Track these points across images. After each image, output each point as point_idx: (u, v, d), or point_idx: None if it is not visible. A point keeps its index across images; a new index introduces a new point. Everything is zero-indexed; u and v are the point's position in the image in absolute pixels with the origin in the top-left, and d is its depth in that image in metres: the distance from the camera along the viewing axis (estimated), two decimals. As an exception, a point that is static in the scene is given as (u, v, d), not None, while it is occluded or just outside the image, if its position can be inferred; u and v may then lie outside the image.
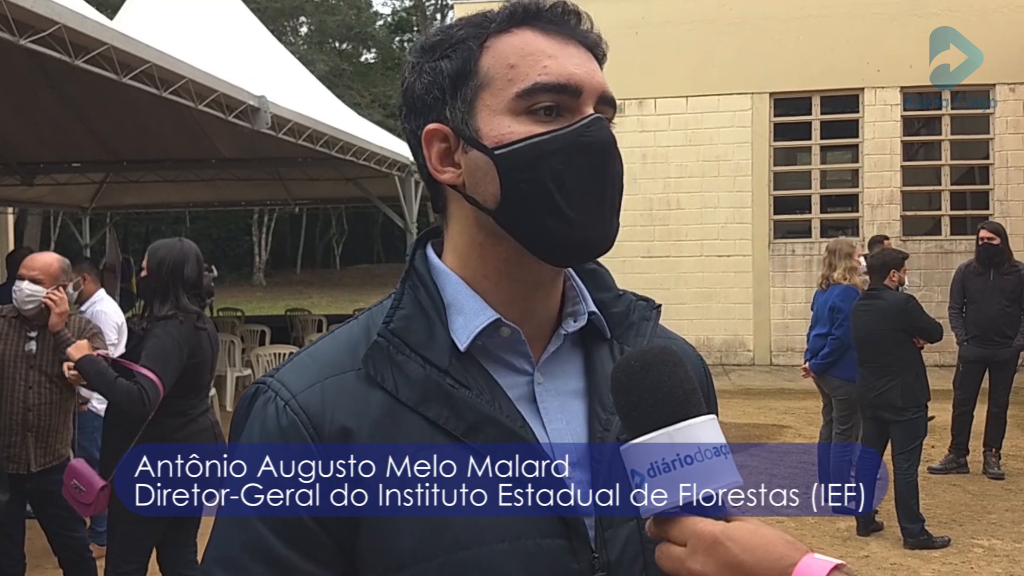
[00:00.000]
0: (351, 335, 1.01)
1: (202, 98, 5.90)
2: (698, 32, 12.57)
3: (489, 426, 0.93)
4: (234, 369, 10.29)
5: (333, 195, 14.70)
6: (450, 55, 0.98)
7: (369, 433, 0.93)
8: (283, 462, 0.92)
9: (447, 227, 1.04)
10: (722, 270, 12.55)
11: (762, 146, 12.55)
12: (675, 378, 0.85)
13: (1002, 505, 6.15)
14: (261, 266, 40.22)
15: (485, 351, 0.98)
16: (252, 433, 0.96)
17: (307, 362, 0.99)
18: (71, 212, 14.95)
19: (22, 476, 3.96)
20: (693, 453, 0.80)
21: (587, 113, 0.96)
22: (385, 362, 0.95)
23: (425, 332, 0.97)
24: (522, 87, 0.94)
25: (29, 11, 4.03)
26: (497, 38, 0.97)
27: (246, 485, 0.93)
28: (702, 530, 0.80)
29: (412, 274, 1.02)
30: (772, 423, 8.98)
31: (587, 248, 0.97)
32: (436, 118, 0.99)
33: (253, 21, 11.35)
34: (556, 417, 0.98)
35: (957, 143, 12.46)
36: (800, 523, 5.82)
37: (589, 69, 0.97)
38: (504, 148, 0.94)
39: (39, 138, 10.06)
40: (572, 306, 1.04)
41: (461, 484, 0.91)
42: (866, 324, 5.46)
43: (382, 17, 46.49)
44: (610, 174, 0.96)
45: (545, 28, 0.97)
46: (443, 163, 0.99)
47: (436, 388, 0.94)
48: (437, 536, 0.90)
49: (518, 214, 0.95)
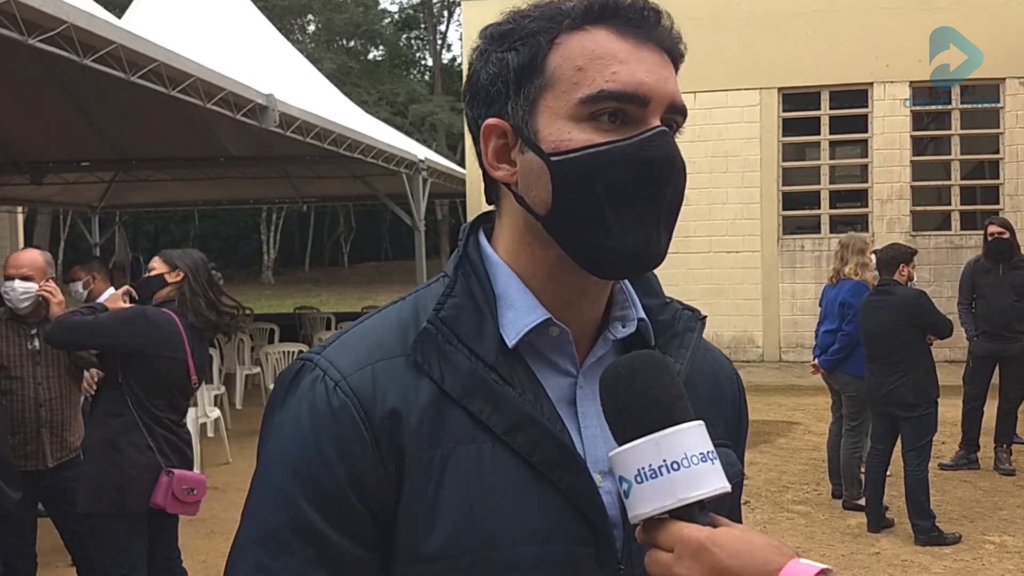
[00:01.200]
0: (400, 318, 0.98)
1: (210, 96, 5.92)
2: (706, 27, 12.52)
3: (529, 426, 0.91)
4: (243, 367, 10.32)
5: (341, 193, 14.74)
6: (518, 48, 0.94)
7: (417, 421, 0.91)
8: (334, 443, 0.91)
9: (499, 219, 1.02)
10: (731, 266, 12.52)
11: (771, 141, 12.51)
12: (662, 384, 0.84)
13: (1013, 501, 6.12)
14: (270, 264, 40.31)
15: (531, 349, 0.97)
16: (300, 412, 0.93)
17: (356, 343, 0.97)
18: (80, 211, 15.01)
19: (39, 472, 4.01)
20: (680, 459, 0.80)
21: (653, 124, 0.91)
22: (433, 351, 0.93)
23: (475, 324, 0.95)
24: (587, 93, 0.90)
25: (38, 10, 4.04)
26: (569, 35, 0.92)
27: (293, 464, 0.92)
28: (688, 536, 0.79)
29: (465, 261, 1.00)
30: (782, 420, 8.97)
31: (633, 265, 0.94)
32: (497, 112, 0.96)
33: (261, 19, 11.37)
34: (592, 423, 0.96)
35: (967, 138, 12.40)
36: (810, 520, 5.81)
37: (661, 76, 0.92)
38: (561, 155, 0.91)
39: (48, 137, 10.10)
40: (620, 310, 1.01)
41: (497, 483, 0.91)
42: (877, 320, 5.44)
43: (389, 14, 46.53)
44: (666, 191, 0.92)
45: (620, 28, 0.92)
46: (499, 159, 0.97)
47: (481, 383, 0.92)
48: (468, 533, 0.89)
49: (566, 224, 0.92)
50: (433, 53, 45.87)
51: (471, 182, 13.08)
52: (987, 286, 6.80)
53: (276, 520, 0.91)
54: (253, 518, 0.94)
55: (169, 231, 38.35)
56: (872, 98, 12.31)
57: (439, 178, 11.88)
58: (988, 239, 6.88)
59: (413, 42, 49.11)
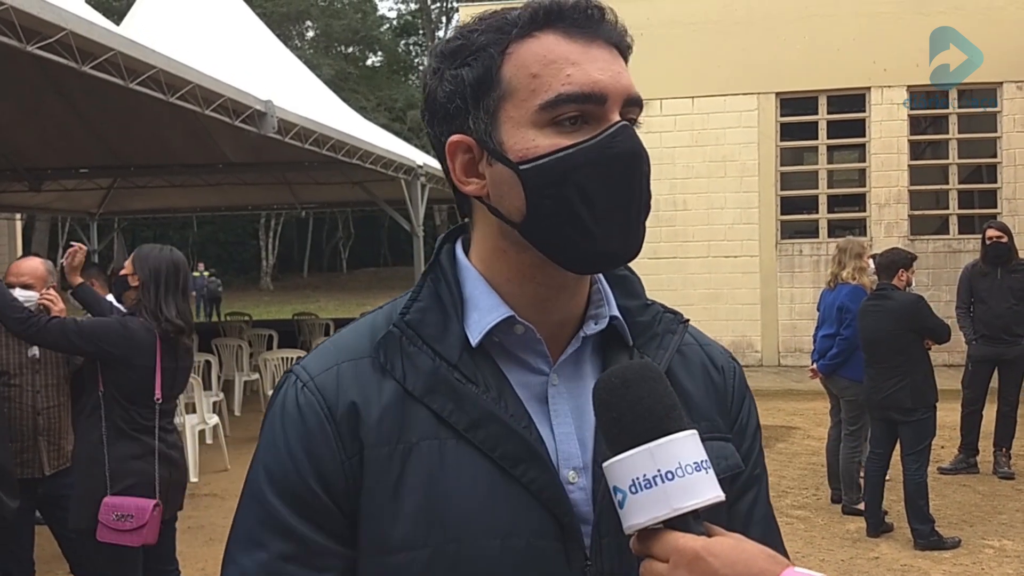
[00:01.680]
0: (373, 324, 1.03)
1: (209, 103, 5.92)
2: (703, 32, 12.56)
3: (490, 423, 0.93)
4: (242, 373, 10.31)
5: (340, 199, 14.75)
6: (471, 63, 0.95)
7: (379, 416, 0.94)
8: (299, 439, 0.95)
9: (472, 231, 1.04)
10: (729, 271, 12.53)
11: (769, 146, 12.53)
12: (655, 394, 0.85)
13: (1013, 505, 6.12)
14: (268, 270, 40.33)
15: (502, 348, 0.99)
16: (275, 415, 0.99)
17: (329, 348, 1.02)
18: (79, 218, 15.00)
19: (35, 480, 4.00)
20: (674, 469, 0.80)
21: (613, 120, 0.93)
22: (396, 351, 0.96)
23: (439, 325, 0.98)
24: (545, 99, 0.92)
25: (36, 17, 4.05)
26: (519, 44, 0.94)
27: (266, 463, 0.97)
28: (684, 546, 0.79)
29: (436, 267, 1.03)
30: (781, 424, 8.96)
31: (612, 258, 0.97)
32: (459, 128, 0.97)
33: (259, 26, 11.39)
34: (565, 420, 0.98)
35: (964, 142, 12.43)
36: (809, 524, 5.80)
37: (614, 72, 0.94)
38: (529, 163, 0.93)
39: (46, 144, 10.11)
40: (595, 309, 1.03)
41: (459, 478, 0.92)
42: (875, 324, 5.44)
43: (388, 21, 46.62)
44: (637, 183, 0.94)
45: (568, 30, 0.94)
46: (467, 174, 0.98)
47: (443, 381, 0.94)
48: (430, 526, 0.91)
49: (543, 228, 0.94)
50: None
51: (469, 188, 13.06)
52: (986, 290, 6.81)
53: (251, 517, 0.96)
54: (235, 520, 0.99)
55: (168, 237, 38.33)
56: (870, 102, 12.34)
57: (437, 184, 11.87)
58: (986, 243, 6.89)
59: (411, 48, 49.25)
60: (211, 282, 26.72)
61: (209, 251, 39.04)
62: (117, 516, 3.48)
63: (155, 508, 3.51)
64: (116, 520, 3.48)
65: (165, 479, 3.66)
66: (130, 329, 3.58)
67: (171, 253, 3.77)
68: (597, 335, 1.02)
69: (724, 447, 1.03)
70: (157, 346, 3.60)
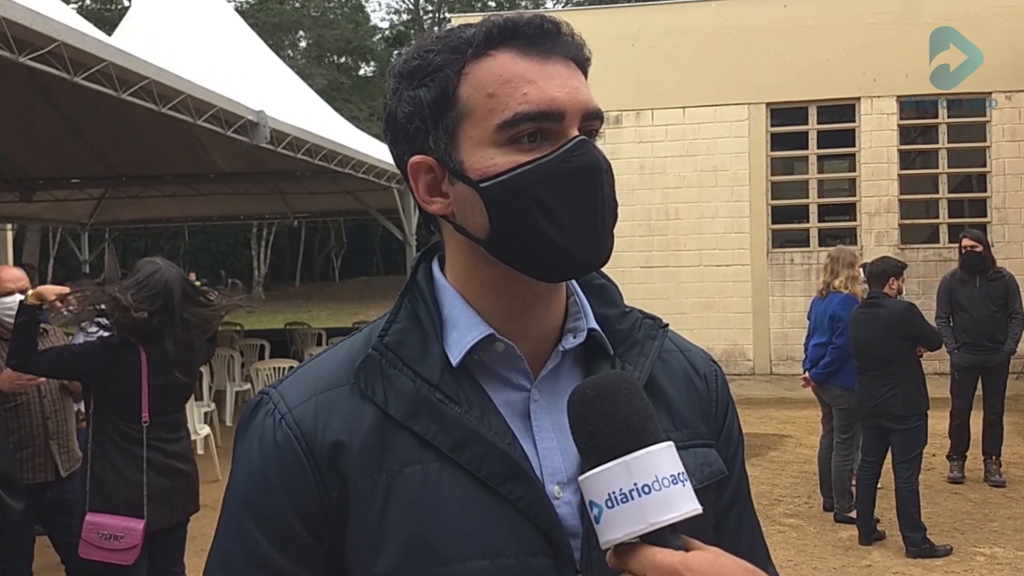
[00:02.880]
0: (351, 349, 1.01)
1: (201, 113, 5.93)
2: (694, 43, 12.61)
3: (475, 443, 0.92)
4: (233, 384, 10.28)
5: (332, 208, 14.73)
6: (428, 84, 0.95)
7: (360, 447, 0.93)
8: (278, 475, 0.94)
9: (444, 248, 1.04)
10: (721, 280, 12.56)
11: (759, 156, 12.58)
12: (631, 406, 0.83)
13: (1004, 513, 6.14)
14: (260, 279, 40.22)
15: (482, 366, 0.98)
16: (252, 444, 0.97)
17: (307, 375, 1.00)
18: (70, 228, 14.97)
19: (47, 484, 4.05)
20: (651, 482, 0.79)
21: (571, 136, 0.93)
22: (376, 376, 0.95)
23: (419, 346, 0.97)
24: (503, 118, 0.92)
25: (28, 28, 4.05)
26: (475, 63, 0.94)
27: (244, 495, 0.96)
28: (661, 561, 0.78)
29: (413, 288, 1.03)
30: (773, 433, 8.98)
31: (580, 265, 0.97)
32: (420, 148, 0.97)
33: (251, 36, 11.40)
34: (548, 435, 0.97)
35: (954, 151, 12.50)
36: (802, 533, 5.81)
37: (571, 88, 0.94)
38: (489, 181, 0.93)
39: (38, 154, 10.09)
40: (573, 322, 1.02)
41: (445, 500, 0.92)
42: (867, 332, 5.46)
43: (380, 31, 46.68)
44: (599, 194, 0.94)
45: (524, 47, 0.94)
46: (431, 193, 0.99)
47: (425, 403, 0.94)
48: (419, 551, 0.90)
49: (508, 243, 0.94)
50: (423, 69, 45.95)
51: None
52: (967, 299, 6.87)
53: (233, 550, 0.96)
54: (216, 542, 0.99)
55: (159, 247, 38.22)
56: (859, 112, 12.40)
57: (430, 193, 11.85)
58: (962, 252, 6.98)
59: (403, 58, 49.22)
60: (203, 292, 26.59)
61: (201, 261, 38.92)
62: (102, 535, 3.47)
63: (144, 527, 3.51)
64: (102, 539, 3.46)
65: (167, 488, 3.65)
66: (112, 348, 3.56)
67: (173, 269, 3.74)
68: (577, 347, 1.01)
69: (707, 453, 1.03)
70: (142, 363, 3.57)
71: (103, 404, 3.59)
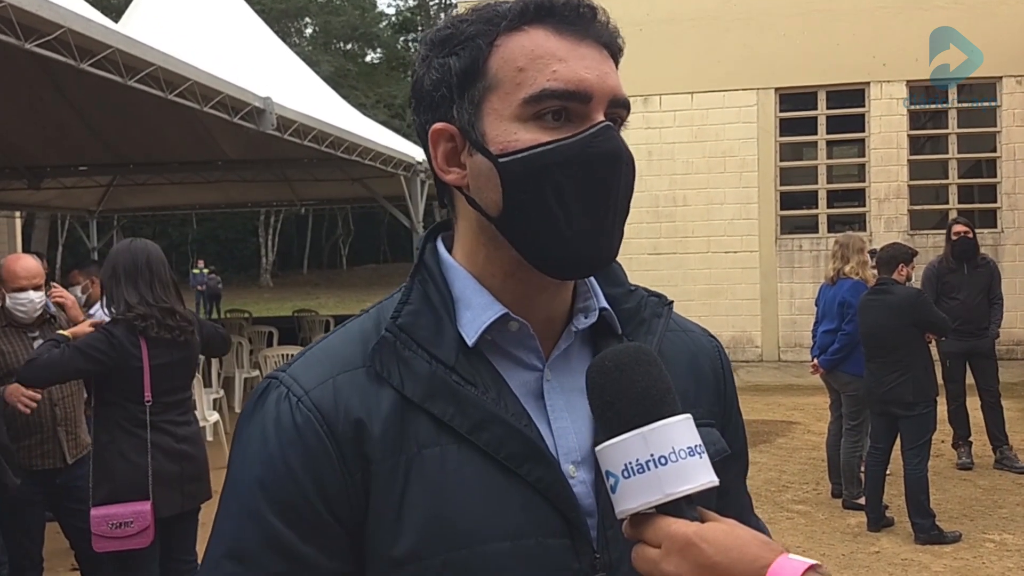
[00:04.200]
0: (362, 329, 1.00)
1: (207, 100, 5.91)
2: (703, 28, 12.54)
3: (494, 424, 0.92)
4: (242, 370, 10.31)
5: (339, 195, 14.74)
6: (459, 52, 0.95)
7: (380, 429, 0.92)
8: (300, 459, 0.92)
9: (455, 223, 1.03)
10: (729, 266, 12.53)
11: (768, 142, 12.52)
12: (649, 378, 0.84)
13: (1013, 500, 6.13)
14: (268, 267, 40.33)
15: (494, 346, 0.97)
16: (266, 430, 0.94)
17: (319, 357, 0.98)
18: (78, 215, 15.01)
19: (56, 471, 4.07)
20: (667, 453, 0.79)
21: (596, 120, 0.93)
22: (392, 358, 0.94)
23: (432, 327, 0.96)
24: (530, 92, 0.91)
25: (34, 15, 4.04)
26: (507, 37, 0.94)
27: (260, 480, 0.93)
28: (676, 531, 0.79)
29: (422, 268, 1.02)
30: (781, 419, 8.97)
31: (585, 264, 0.96)
32: (444, 116, 0.97)
33: (258, 22, 11.37)
34: (562, 415, 0.97)
35: (964, 137, 12.42)
36: (810, 519, 5.81)
37: (601, 72, 0.94)
38: (508, 156, 0.92)
39: (46, 142, 10.10)
40: (583, 302, 1.02)
41: (464, 482, 0.91)
42: (875, 318, 5.44)
43: (386, 17, 46.57)
44: (615, 186, 0.93)
45: (558, 26, 0.93)
46: (449, 163, 0.98)
47: (442, 385, 0.93)
48: (439, 534, 0.90)
49: (518, 225, 0.94)
50: (430, 55, 45.85)
51: (469, 184, 13.07)
52: (957, 285, 6.91)
53: (247, 535, 0.92)
54: (223, 534, 0.94)
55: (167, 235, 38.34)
56: (869, 97, 12.33)
57: (437, 180, 11.84)
58: (952, 239, 7.01)
59: (410, 45, 49.15)
60: (211, 279, 26.72)
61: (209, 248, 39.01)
62: (113, 525, 3.47)
63: (152, 508, 3.51)
64: (112, 529, 3.46)
65: (177, 473, 3.64)
66: (115, 336, 3.56)
67: (131, 243, 3.70)
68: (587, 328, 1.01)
69: (710, 432, 1.03)
70: (143, 346, 3.56)
71: (108, 390, 3.60)
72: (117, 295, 3.59)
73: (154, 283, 3.63)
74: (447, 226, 1.06)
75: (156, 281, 3.64)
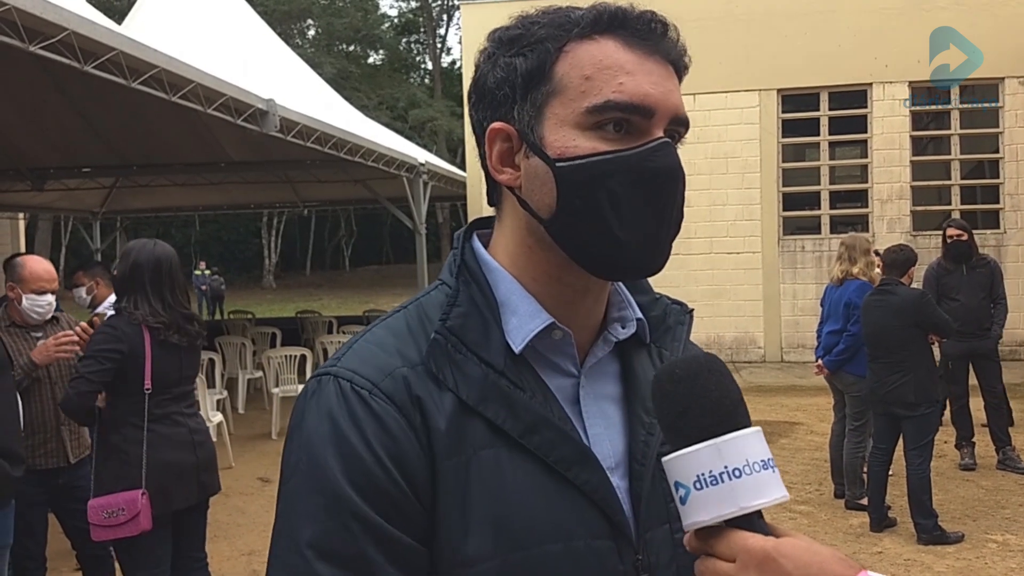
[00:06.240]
0: (409, 328, 0.98)
1: (211, 102, 5.93)
2: (705, 29, 12.54)
3: (545, 428, 0.93)
4: (245, 371, 10.33)
5: (342, 197, 14.78)
6: (526, 53, 0.95)
7: (444, 429, 0.92)
8: (388, 448, 0.90)
9: (499, 222, 1.03)
10: (732, 267, 12.53)
11: (770, 143, 12.53)
12: (722, 388, 0.82)
13: (1016, 500, 6.12)
14: (271, 268, 40.34)
15: (534, 352, 0.98)
16: (338, 424, 0.91)
17: (374, 351, 0.96)
18: (81, 217, 15.04)
19: (58, 470, 4.09)
20: (741, 466, 0.78)
21: (656, 136, 0.93)
22: (445, 360, 0.94)
23: (481, 332, 0.96)
24: (594, 102, 0.91)
25: (38, 18, 4.06)
26: (577, 44, 0.94)
27: (347, 475, 0.89)
28: (753, 546, 0.77)
29: (464, 270, 1.01)
30: (784, 420, 8.97)
31: (635, 271, 0.96)
32: (503, 116, 0.97)
33: (260, 24, 11.40)
34: (596, 421, 0.99)
35: (966, 137, 12.42)
36: (813, 520, 5.81)
37: (666, 89, 0.94)
38: (566, 162, 0.92)
39: (49, 144, 10.13)
40: (618, 311, 1.03)
41: (518, 485, 0.92)
42: (879, 319, 5.44)
43: (389, 19, 46.58)
44: (670, 200, 0.94)
45: (628, 39, 0.94)
46: (503, 163, 0.98)
47: (494, 388, 0.94)
48: (497, 537, 0.91)
49: (570, 228, 0.94)
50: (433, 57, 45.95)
51: (471, 185, 13.10)
52: (956, 287, 6.90)
53: (333, 526, 0.88)
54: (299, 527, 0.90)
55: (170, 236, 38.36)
56: (871, 98, 12.33)
57: (440, 181, 11.88)
58: (947, 241, 7.01)
59: (413, 46, 49.21)
60: (214, 280, 26.74)
61: (211, 249, 39.05)
62: (107, 514, 3.50)
63: (143, 496, 3.51)
64: (107, 517, 3.49)
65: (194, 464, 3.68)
66: (119, 329, 3.57)
67: (154, 248, 3.71)
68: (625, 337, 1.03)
69: None
70: (145, 337, 3.58)
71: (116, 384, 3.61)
72: (140, 298, 3.61)
73: (175, 289, 3.70)
74: (481, 224, 1.06)
75: (176, 287, 3.71)
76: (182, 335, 3.67)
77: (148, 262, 3.63)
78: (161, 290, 3.64)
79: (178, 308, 3.67)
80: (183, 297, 3.74)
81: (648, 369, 1.02)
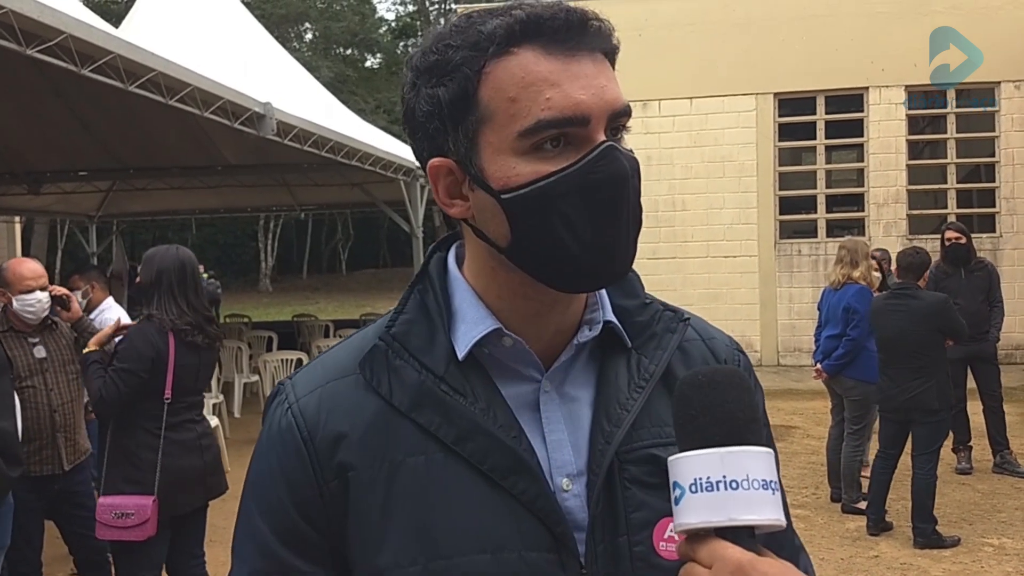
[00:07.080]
0: (363, 340, 1.01)
1: (208, 105, 5.93)
2: (702, 33, 12.57)
3: (479, 435, 0.91)
4: (241, 375, 10.31)
5: (339, 200, 14.74)
6: (446, 83, 0.90)
7: (360, 437, 0.93)
8: (279, 463, 0.96)
9: (465, 245, 1.02)
10: (728, 271, 12.55)
11: (767, 146, 12.55)
12: (740, 402, 0.81)
13: (1012, 504, 6.13)
14: (267, 272, 40.30)
15: (493, 359, 0.97)
16: (264, 434, 1.00)
17: (318, 367, 1.01)
18: (78, 220, 15.01)
19: (53, 477, 4.08)
20: (740, 480, 0.77)
21: (597, 140, 0.89)
22: (382, 366, 0.95)
23: (426, 337, 0.96)
24: (525, 125, 0.88)
25: (36, 21, 4.06)
26: (496, 62, 0.89)
27: (253, 483, 0.99)
28: (730, 556, 0.76)
29: (424, 279, 1.01)
30: (780, 424, 8.97)
31: (601, 278, 0.95)
32: (440, 149, 0.94)
33: (258, 28, 11.38)
34: (558, 428, 0.96)
35: (962, 141, 12.44)
36: (809, 523, 5.81)
37: (597, 87, 0.89)
38: (511, 192, 0.89)
39: (46, 147, 10.11)
40: (590, 313, 1.00)
41: (448, 492, 0.91)
42: (897, 323, 5.35)
43: (386, 23, 46.63)
44: (624, 204, 0.91)
45: (547, 44, 0.88)
46: (451, 196, 0.96)
47: (429, 394, 0.93)
48: (418, 543, 0.90)
49: (528, 253, 0.92)
50: (430, 60, 45.83)
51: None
52: (956, 290, 6.89)
53: (241, 532, 0.99)
54: (234, 536, 1.01)
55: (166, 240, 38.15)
56: (868, 102, 12.35)
57: (437, 185, 11.82)
58: (945, 244, 7.02)
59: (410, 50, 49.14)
60: (210, 284, 26.67)
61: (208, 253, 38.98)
62: (116, 514, 3.53)
63: (153, 503, 3.55)
64: (116, 518, 3.53)
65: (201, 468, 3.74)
66: (147, 334, 3.63)
67: (177, 252, 3.80)
68: (593, 339, 0.99)
69: None
70: (170, 343, 3.64)
71: None
72: (168, 301, 3.67)
73: (198, 292, 3.79)
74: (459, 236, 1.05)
75: (199, 288, 3.81)
76: (204, 336, 3.75)
77: (173, 265, 3.71)
78: (186, 292, 3.72)
79: (201, 311, 3.76)
80: (204, 299, 3.84)
81: (622, 375, 0.98)
